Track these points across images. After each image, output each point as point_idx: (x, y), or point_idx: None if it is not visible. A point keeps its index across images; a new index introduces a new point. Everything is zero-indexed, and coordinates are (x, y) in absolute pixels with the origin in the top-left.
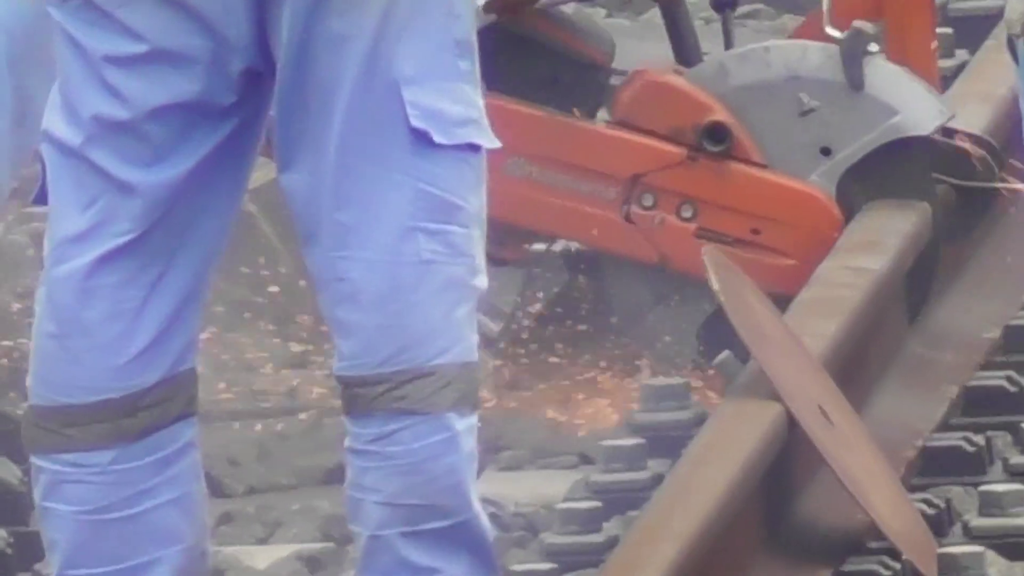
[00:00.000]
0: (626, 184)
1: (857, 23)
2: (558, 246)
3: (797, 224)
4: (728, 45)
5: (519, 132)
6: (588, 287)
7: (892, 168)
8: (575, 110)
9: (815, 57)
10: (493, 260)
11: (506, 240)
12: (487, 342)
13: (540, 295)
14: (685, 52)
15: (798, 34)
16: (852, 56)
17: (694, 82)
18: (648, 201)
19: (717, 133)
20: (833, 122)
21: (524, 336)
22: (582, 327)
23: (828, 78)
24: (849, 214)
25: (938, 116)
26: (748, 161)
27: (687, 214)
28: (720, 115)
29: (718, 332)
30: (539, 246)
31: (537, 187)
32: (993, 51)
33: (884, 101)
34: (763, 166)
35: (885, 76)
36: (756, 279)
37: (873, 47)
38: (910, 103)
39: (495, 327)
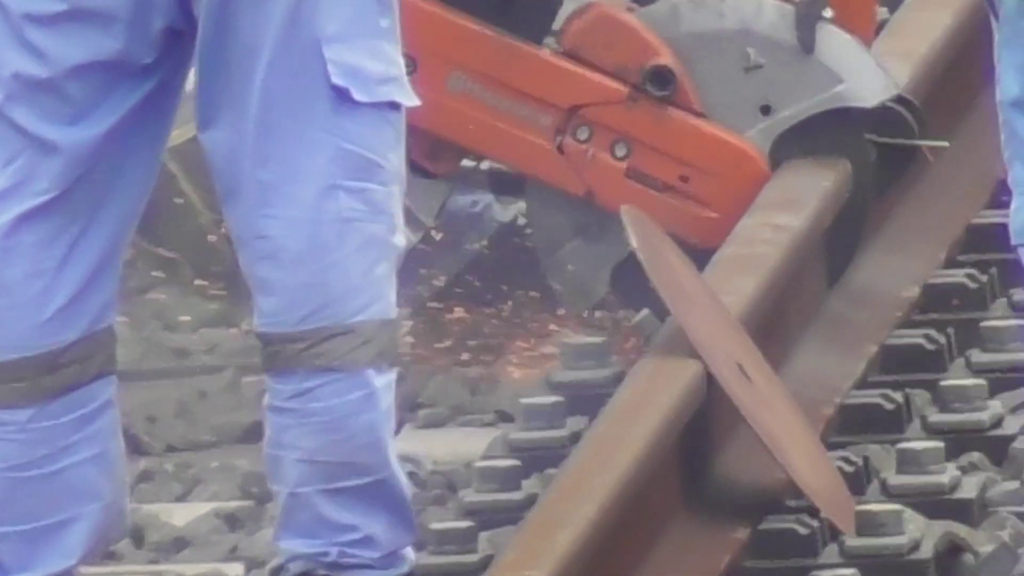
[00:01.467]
0: (564, 114)
1: None
2: (485, 165)
3: (726, 177)
4: None
5: (465, 48)
6: (508, 250)
7: (829, 134)
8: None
9: (770, 14)
10: (421, 171)
11: (437, 154)
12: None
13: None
14: None
15: None
16: (807, 19)
17: (646, 22)
18: (583, 134)
19: (661, 77)
20: (778, 81)
21: (442, 293)
22: (502, 286)
23: (779, 37)
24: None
25: (883, 91)
26: (688, 109)
27: (620, 152)
28: (667, 59)
29: (631, 276)
30: (467, 163)
31: (475, 105)
32: (913, 9)
33: (831, 68)
34: (702, 115)
35: (836, 44)
36: (677, 228)
37: (828, 13)
38: (857, 73)
39: (414, 238)
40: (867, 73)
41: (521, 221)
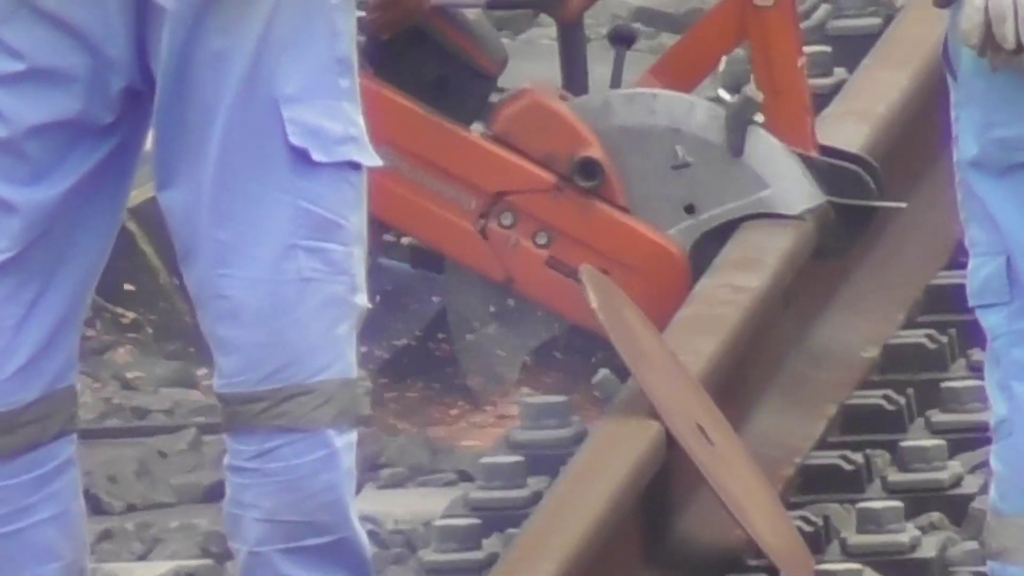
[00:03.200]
0: (489, 199)
1: (747, 90)
2: (406, 240)
3: (646, 272)
4: (616, 81)
5: (395, 124)
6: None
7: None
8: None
9: (700, 114)
10: None
11: None
12: None
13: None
14: (574, 79)
15: (647, 78)
16: (737, 122)
17: (577, 113)
18: (507, 220)
19: (589, 169)
20: (703, 182)
21: (401, 354)
22: (461, 340)
23: (709, 138)
24: (699, 274)
25: (808, 199)
26: (613, 202)
27: (542, 241)
28: (596, 152)
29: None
30: (388, 237)
31: (401, 182)
32: (871, 69)
33: (758, 173)
34: (626, 210)
35: (764, 148)
36: (593, 321)
37: (759, 118)
38: (783, 180)
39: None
40: (793, 180)
41: None
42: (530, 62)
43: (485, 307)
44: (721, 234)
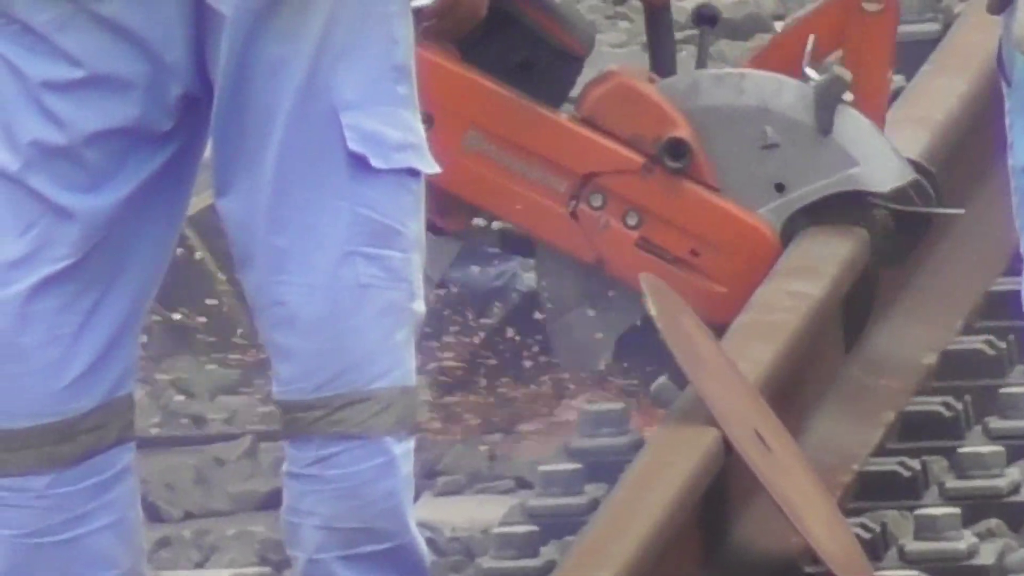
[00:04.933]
0: (579, 181)
1: (836, 69)
2: (496, 224)
3: (737, 253)
4: (702, 62)
5: (483, 108)
6: (528, 318)
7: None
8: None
9: (789, 94)
10: (432, 228)
11: (449, 210)
12: None
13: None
14: (661, 61)
15: (754, 63)
16: (826, 100)
17: (665, 94)
18: (597, 201)
19: (677, 149)
20: (793, 161)
21: (462, 362)
22: (522, 352)
23: (797, 117)
24: None
25: (898, 176)
26: (702, 182)
27: (632, 222)
28: (684, 132)
29: (639, 344)
30: (479, 221)
31: (490, 165)
32: (929, 76)
33: (847, 151)
34: (716, 190)
35: (853, 126)
36: (685, 298)
37: (847, 96)
38: (872, 158)
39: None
40: (883, 157)
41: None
42: (589, 71)
43: (577, 289)
44: (812, 212)
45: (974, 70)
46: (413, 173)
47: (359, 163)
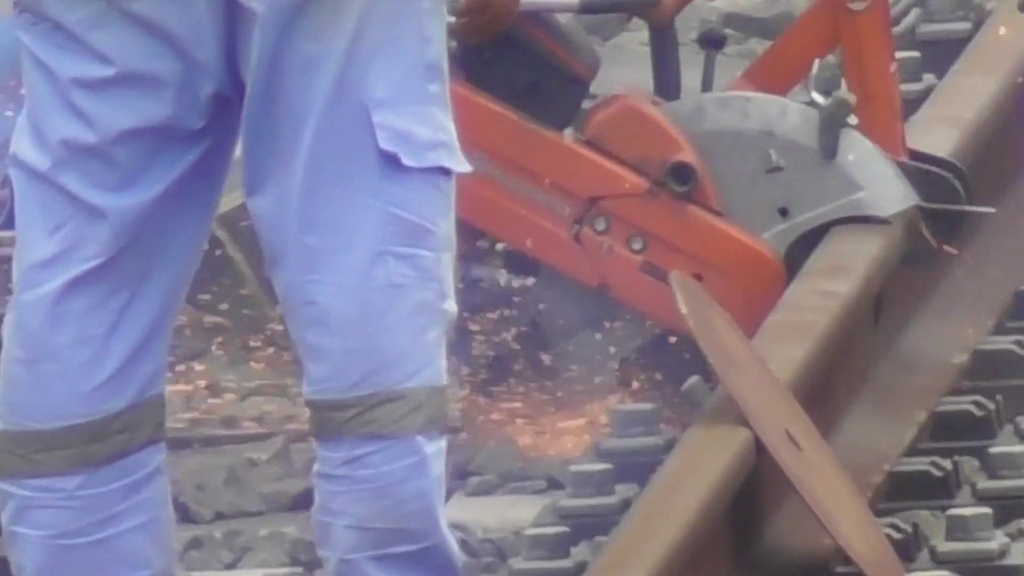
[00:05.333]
0: (583, 204)
1: (840, 92)
2: (500, 245)
3: (740, 277)
4: (707, 85)
5: (488, 130)
6: (556, 315)
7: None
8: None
9: (794, 117)
10: None
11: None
12: None
13: (507, 320)
14: (666, 84)
15: (738, 83)
16: (830, 124)
17: (670, 117)
18: (601, 225)
19: (683, 173)
20: (797, 185)
21: (491, 361)
22: (551, 353)
23: (802, 141)
24: (794, 277)
25: (901, 201)
26: (707, 207)
27: (636, 246)
28: (689, 156)
29: (644, 363)
30: (482, 243)
31: (494, 188)
32: (960, 75)
33: (851, 175)
34: (719, 214)
35: (858, 151)
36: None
37: (852, 120)
38: (876, 182)
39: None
40: (887, 182)
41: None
42: (620, 67)
43: (580, 313)
44: (815, 237)
45: (1006, 69)
46: (444, 172)
47: (390, 162)
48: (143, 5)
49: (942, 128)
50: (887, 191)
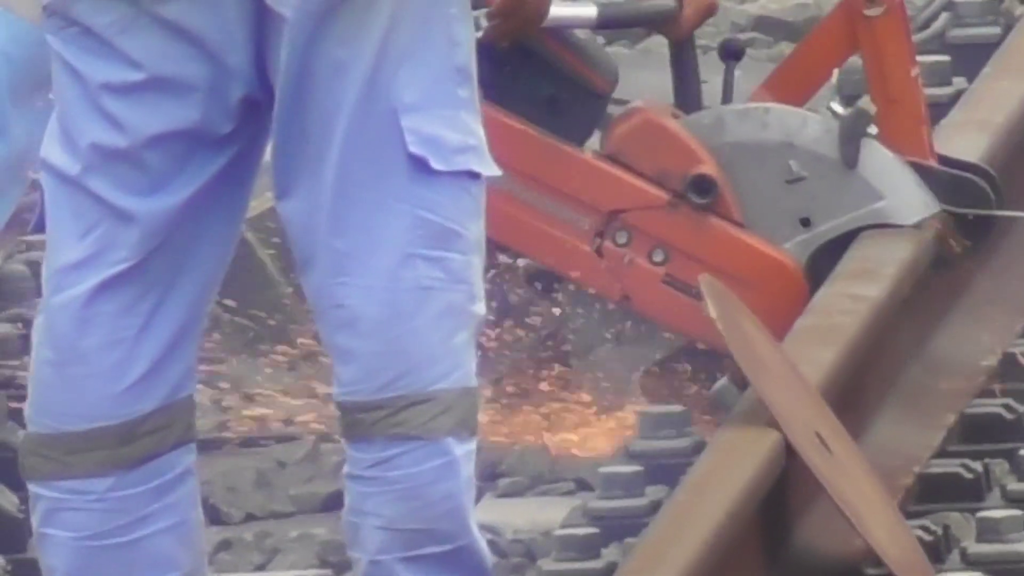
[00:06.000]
0: (603, 218)
1: (861, 102)
2: (522, 261)
3: (762, 288)
4: (727, 97)
5: (508, 146)
6: (583, 316)
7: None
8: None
9: (814, 128)
10: None
11: None
12: None
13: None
14: (686, 96)
15: (759, 93)
16: (851, 134)
17: (690, 130)
18: (622, 239)
19: (703, 185)
20: (818, 195)
21: (522, 363)
22: (579, 355)
23: (822, 151)
24: (816, 288)
25: (923, 209)
26: (728, 218)
27: (658, 259)
28: (709, 168)
29: (663, 379)
30: (504, 259)
31: (515, 203)
32: (990, 79)
33: (873, 184)
34: (741, 225)
35: (878, 160)
36: (710, 336)
37: (872, 130)
38: (898, 191)
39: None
40: (908, 191)
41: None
42: (648, 71)
43: (603, 326)
44: (837, 247)
45: None
46: (473, 176)
47: (419, 165)
48: (173, 9)
49: (972, 132)
50: (908, 199)
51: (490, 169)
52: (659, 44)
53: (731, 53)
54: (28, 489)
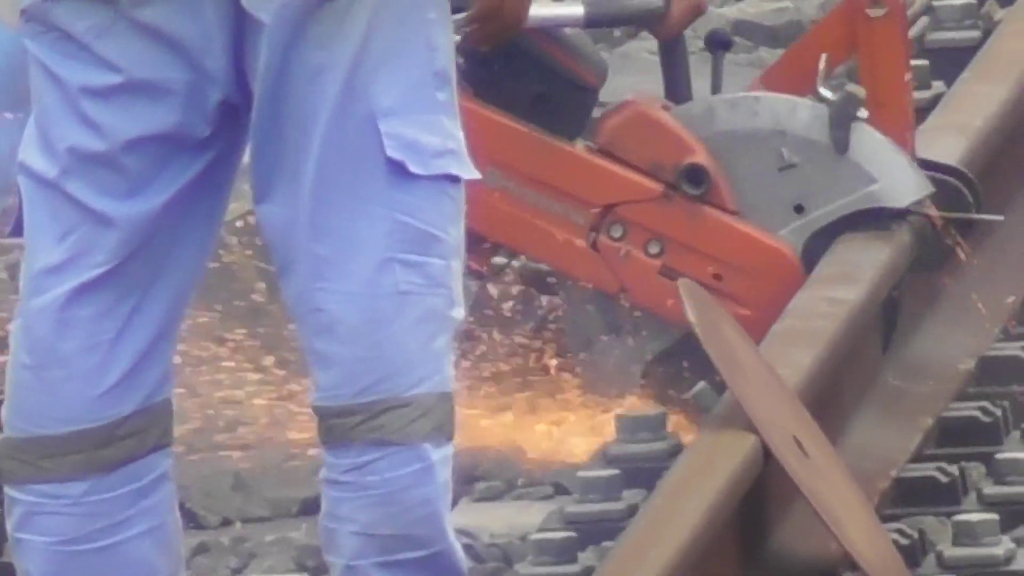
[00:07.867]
0: (598, 212)
1: (850, 87)
2: (516, 262)
3: (760, 275)
4: (716, 87)
5: (499, 144)
6: (563, 319)
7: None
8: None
9: (804, 114)
10: None
11: (470, 248)
12: None
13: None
14: (676, 88)
15: (755, 87)
16: (841, 119)
17: (681, 121)
18: (617, 232)
19: (696, 175)
20: (811, 181)
21: (499, 367)
22: (557, 358)
23: (813, 137)
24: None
25: (916, 191)
26: (722, 207)
27: (654, 250)
28: (702, 158)
29: (664, 369)
30: (499, 259)
31: (509, 201)
32: (969, 83)
33: (865, 168)
34: (735, 214)
35: (869, 144)
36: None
37: (862, 113)
38: (890, 174)
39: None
40: (900, 173)
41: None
42: (628, 76)
43: (600, 320)
44: (832, 232)
45: (1015, 77)
46: (453, 179)
47: (398, 170)
48: (151, 13)
49: (951, 136)
50: (901, 182)
51: (469, 172)
52: (638, 49)
53: (719, 43)
54: (4, 493)
